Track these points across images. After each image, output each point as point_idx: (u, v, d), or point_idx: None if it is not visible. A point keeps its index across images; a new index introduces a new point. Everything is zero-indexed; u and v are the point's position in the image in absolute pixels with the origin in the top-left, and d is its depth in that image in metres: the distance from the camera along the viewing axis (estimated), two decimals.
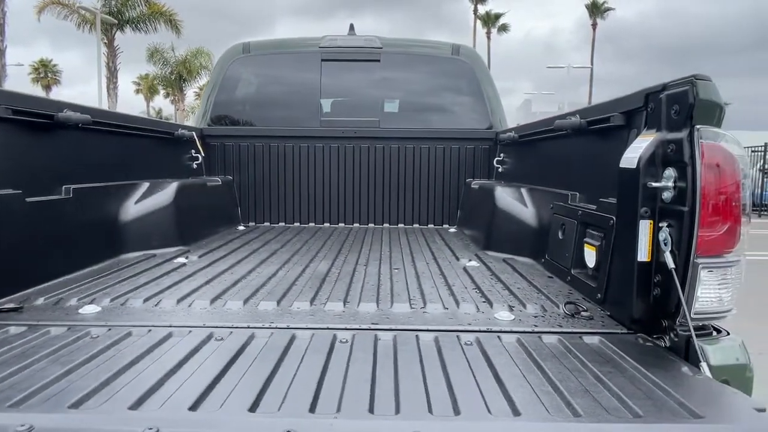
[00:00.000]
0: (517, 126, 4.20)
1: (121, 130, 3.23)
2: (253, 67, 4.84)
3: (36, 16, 25.00)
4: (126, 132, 3.28)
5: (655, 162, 1.78)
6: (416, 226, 4.64)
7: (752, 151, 18.45)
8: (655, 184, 1.77)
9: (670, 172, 1.74)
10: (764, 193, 17.73)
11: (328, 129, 4.63)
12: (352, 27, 5.03)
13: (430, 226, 4.64)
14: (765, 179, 17.63)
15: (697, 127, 1.67)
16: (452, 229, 4.46)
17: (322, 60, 4.67)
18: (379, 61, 4.68)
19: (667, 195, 1.76)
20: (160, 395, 1.31)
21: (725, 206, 1.66)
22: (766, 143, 17.68)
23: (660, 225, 1.76)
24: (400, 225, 4.65)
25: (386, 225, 4.65)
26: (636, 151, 1.85)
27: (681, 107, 1.72)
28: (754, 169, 18.40)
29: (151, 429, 1.11)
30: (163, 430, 1.12)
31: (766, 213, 17.70)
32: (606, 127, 2.38)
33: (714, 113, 1.69)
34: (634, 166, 1.82)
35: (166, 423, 1.15)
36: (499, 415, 1.24)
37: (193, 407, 1.25)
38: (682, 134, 1.70)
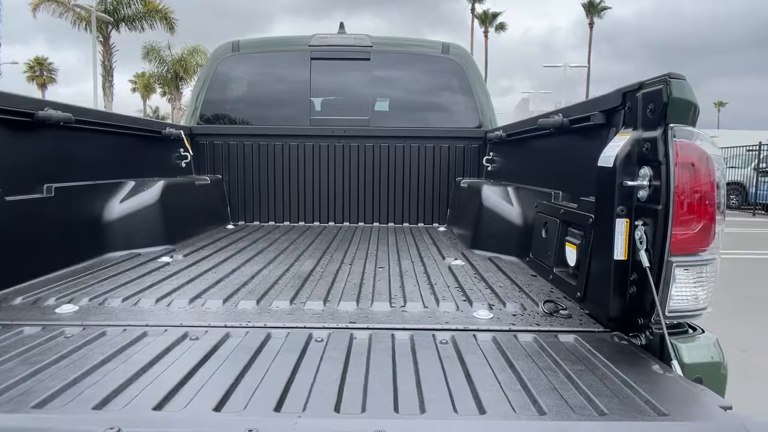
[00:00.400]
0: (505, 125, 4.20)
1: (106, 128, 3.21)
2: (242, 65, 4.83)
3: (31, 13, 25.00)
4: (111, 131, 3.27)
5: (632, 161, 1.78)
6: (406, 225, 4.63)
7: (747, 150, 18.47)
8: (631, 183, 1.77)
9: (646, 171, 1.74)
10: (759, 192, 17.73)
11: (318, 128, 4.62)
12: (342, 25, 5.01)
13: (420, 225, 4.63)
14: (760, 178, 17.63)
15: (671, 125, 1.67)
16: (441, 228, 4.45)
17: (312, 59, 4.66)
18: (368, 59, 4.67)
19: (642, 194, 1.76)
20: (126, 395, 1.30)
21: (699, 205, 1.66)
22: (760, 142, 17.69)
23: (636, 223, 1.77)
24: (390, 224, 4.65)
25: (376, 224, 4.65)
26: (613, 149, 1.85)
27: (655, 106, 1.72)
28: (749, 167, 18.42)
29: (112, 429, 1.11)
30: (125, 429, 1.11)
31: (761, 212, 17.72)
32: (587, 125, 2.38)
33: (688, 112, 1.69)
34: (611, 165, 1.82)
35: (128, 423, 1.14)
36: (464, 414, 1.24)
37: (158, 407, 1.24)
38: (657, 133, 1.70)
